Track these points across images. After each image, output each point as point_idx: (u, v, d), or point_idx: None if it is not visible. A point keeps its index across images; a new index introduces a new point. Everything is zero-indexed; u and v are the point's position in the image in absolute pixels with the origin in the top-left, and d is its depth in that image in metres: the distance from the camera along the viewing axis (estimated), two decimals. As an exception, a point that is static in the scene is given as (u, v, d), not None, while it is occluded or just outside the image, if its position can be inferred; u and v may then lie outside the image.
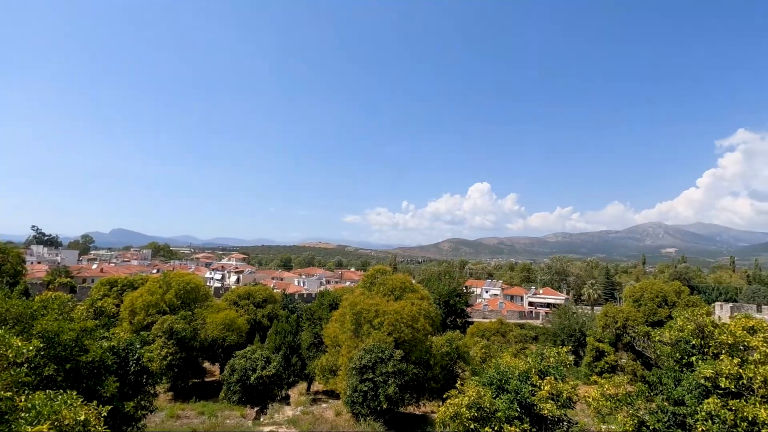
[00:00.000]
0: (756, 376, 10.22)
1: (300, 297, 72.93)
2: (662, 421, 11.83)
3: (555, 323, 48.44)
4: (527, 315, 73.81)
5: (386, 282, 27.02)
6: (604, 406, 12.60)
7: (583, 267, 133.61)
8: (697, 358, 11.72)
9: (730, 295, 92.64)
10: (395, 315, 23.22)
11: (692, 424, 11.00)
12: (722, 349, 11.34)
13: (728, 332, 11.20)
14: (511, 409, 11.68)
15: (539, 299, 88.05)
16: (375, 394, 20.08)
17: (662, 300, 39.11)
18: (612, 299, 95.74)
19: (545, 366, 12.73)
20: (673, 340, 12.40)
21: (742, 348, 11.47)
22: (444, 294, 55.49)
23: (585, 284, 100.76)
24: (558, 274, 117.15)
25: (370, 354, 20.65)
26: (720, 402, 10.53)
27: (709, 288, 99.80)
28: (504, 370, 12.77)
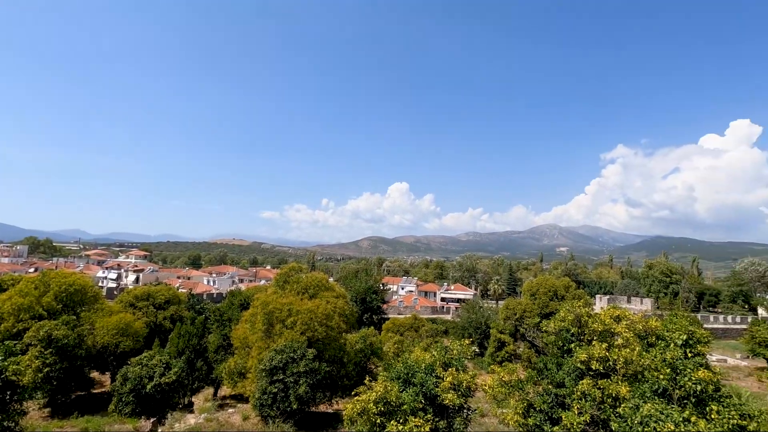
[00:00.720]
0: (619, 358, 11.86)
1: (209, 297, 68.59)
2: (547, 403, 13.21)
3: (464, 317, 51.54)
4: (439, 310, 77.60)
5: (301, 280, 26.54)
6: (499, 392, 13.72)
7: (490, 264, 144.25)
8: (575, 345, 13.26)
9: (608, 288, 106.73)
10: (309, 314, 22.91)
11: (570, 403, 12.45)
12: (594, 336, 13.01)
13: (599, 321, 12.88)
14: (416, 401, 12.19)
15: (451, 295, 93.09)
16: (285, 395, 19.63)
17: (553, 294, 43.77)
18: (514, 294, 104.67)
19: (449, 358, 13.50)
20: (556, 330, 13.92)
21: (609, 334, 13.25)
22: (361, 291, 56.08)
23: (491, 280, 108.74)
24: (468, 271, 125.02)
25: (282, 354, 20.14)
26: (591, 382, 12.05)
27: (592, 282, 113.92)
28: (411, 364, 13.28)
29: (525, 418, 13.04)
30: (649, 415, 8.51)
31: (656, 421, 8.30)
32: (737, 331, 61.59)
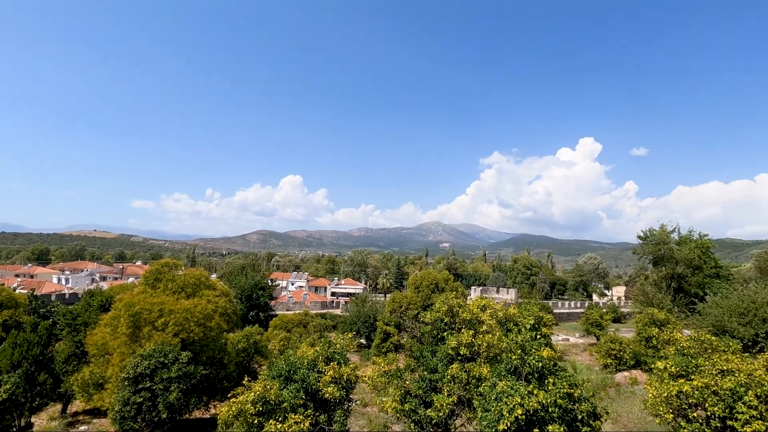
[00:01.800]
0: (482, 343, 13.33)
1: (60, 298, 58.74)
2: (422, 388, 14.22)
3: (353, 311, 52.54)
4: (329, 305, 77.89)
5: (177, 278, 24.22)
6: (379, 382, 14.34)
7: (380, 259, 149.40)
8: (447, 333, 14.52)
9: (482, 280, 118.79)
10: (185, 314, 21.05)
11: (441, 387, 13.60)
12: (464, 325, 14.40)
13: (468, 311, 14.30)
14: (297, 398, 12.10)
15: (341, 289, 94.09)
16: (153, 404, 17.77)
17: (435, 286, 47.21)
18: (401, 287, 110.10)
19: (331, 352, 13.67)
20: (432, 320, 15.08)
21: (477, 322, 14.79)
22: (247, 288, 53.43)
23: (381, 274, 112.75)
24: (359, 265, 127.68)
25: (149, 359, 18.16)
26: (460, 366, 13.33)
27: (469, 275, 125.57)
28: (293, 361, 13.12)
29: (402, 404, 13.86)
30: (502, 391, 9.75)
31: (507, 396, 9.54)
32: (577, 315, 73.66)
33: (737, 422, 11.77)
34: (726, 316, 30.07)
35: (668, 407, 13.13)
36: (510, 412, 9.18)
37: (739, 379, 12.27)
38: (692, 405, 12.97)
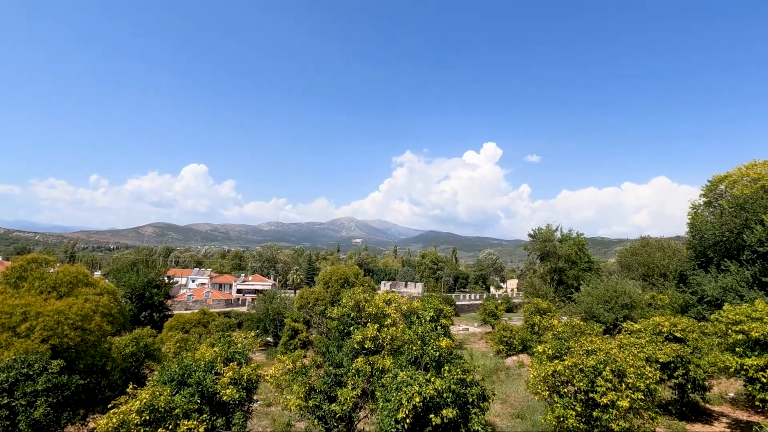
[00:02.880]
0: (387, 336, 13.75)
1: None
2: (327, 383, 14.23)
3: (260, 308, 50.59)
4: (235, 302, 73.99)
5: (47, 276, 21.04)
6: (283, 380, 14.03)
7: (291, 254, 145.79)
8: (354, 328, 14.70)
9: (392, 275, 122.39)
10: (57, 316, 18.37)
11: (346, 381, 13.75)
12: (369, 319, 14.72)
13: (374, 305, 14.64)
14: (191, 403, 11.31)
15: (248, 286, 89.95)
16: (13, 423, 15.27)
17: (344, 281, 47.51)
18: (312, 283, 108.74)
19: (232, 352, 13.02)
20: (339, 315, 15.16)
21: (381, 316, 15.20)
22: (138, 286, 48.46)
23: (291, 270, 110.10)
24: (268, 261, 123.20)
25: (8, 372, 15.55)
26: (364, 359, 13.60)
27: (380, 270, 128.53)
28: (188, 364, 12.23)
29: (306, 401, 13.73)
30: (403, 381, 10.18)
31: (407, 385, 9.99)
32: (477, 306, 79.71)
33: (597, 394, 13.74)
34: (594, 303, 34.88)
35: (545, 385, 14.85)
36: (409, 400, 9.62)
37: (599, 357, 14.32)
38: (564, 382, 14.84)
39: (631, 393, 13.43)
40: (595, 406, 13.80)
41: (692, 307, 30.97)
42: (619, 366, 14.09)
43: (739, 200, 31.51)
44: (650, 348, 17.67)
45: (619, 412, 13.27)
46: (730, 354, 16.50)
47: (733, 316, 16.62)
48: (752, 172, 37.23)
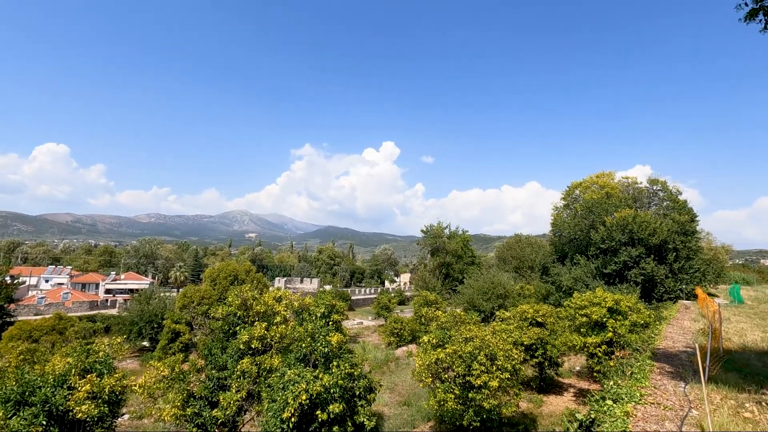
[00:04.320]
0: (276, 334, 13.30)
1: None
2: (208, 388, 13.26)
3: (134, 310, 45.18)
4: (102, 304, 64.88)
5: None
6: (156, 388, 12.69)
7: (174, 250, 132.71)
8: (240, 327, 13.93)
9: (288, 271, 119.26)
10: None
11: (230, 384, 12.97)
12: (257, 317, 14.09)
13: (263, 303, 14.05)
14: (34, 425, 9.57)
15: (119, 285, 79.68)
16: None
17: (234, 278, 44.82)
18: (198, 280, 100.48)
19: (91, 362, 11.34)
20: (224, 314, 14.23)
21: (271, 314, 14.66)
22: (-34, 289, 39.61)
23: (174, 267, 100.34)
24: (146, 257, 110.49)
25: None
26: (251, 360, 12.98)
27: (275, 266, 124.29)
28: (30, 379, 10.31)
29: (184, 409, 12.63)
30: (290, 379, 9.95)
31: (294, 383, 9.78)
32: (372, 300, 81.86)
33: (472, 377, 15.10)
34: (475, 294, 38.30)
35: (429, 373, 15.85)
36: (295, 398, 9.43)
37: (475, 344, 15.74)
38: (445, 368, 16.00)
39: (500, 374, 15.01)
40: (471, 388, 15.13)
41: (552, 295, 35.89)
42: (492, 350, 15.65)
43: (588, 204, 37.36)
44: (517, 333, 19.94)
45: (490, 391, 14.74)
46: (577, 334, 19.44)
47: (579, 302, 19.57)
48: (600, 181, 44.44)
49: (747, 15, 8.05)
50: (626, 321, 18.12)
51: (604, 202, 36.32)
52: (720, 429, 5.92)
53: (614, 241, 32.42)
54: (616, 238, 32.34)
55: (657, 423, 6.41)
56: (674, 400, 7.60)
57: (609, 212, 34.61)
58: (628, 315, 18.46)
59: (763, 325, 18.46)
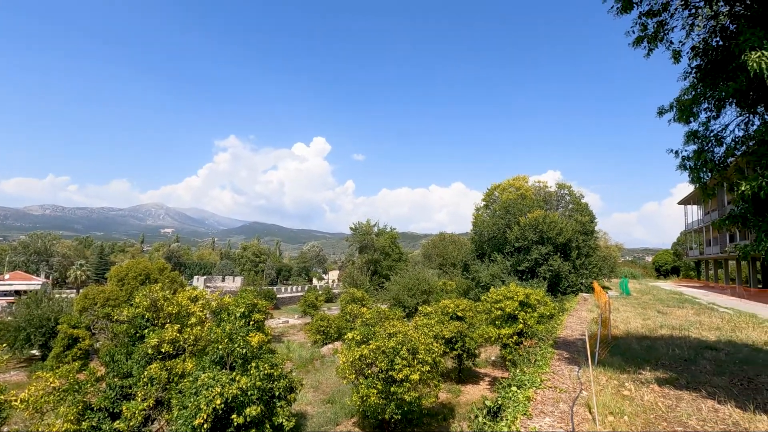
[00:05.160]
0: (189, 336, 12.49)
1: None
2: (109, 398, 12.07)
3: (21, 314, 39.57)
4: (-21, 309, 55.99)
5: None
6: (44, 402, 11.28)
7: (74, 246, 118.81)
8: (149, 330, 12.87)
9: (208, 269, 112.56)
10: None
11: (135, 392, 11.93)
12: (170, 319, 13.11)
13: (175, 303, 13.10)
14: None
15: (3, 286, 69.53)
16: None
17: (146, 277, 41.25)
18: (103, 280, 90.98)
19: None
20: (130, 317, 13.03)
21: (185, 315, 13.74)
22: None
23: (74, 265, 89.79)
24: (38, 254, 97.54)
25: None
26: (160, 365, 12.04)
27: (194, 264, 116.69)
28: None
29: (79, 423, 11.38)
30: (203, 384, 9.39)
31: (208, 387, 9.26)
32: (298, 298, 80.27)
33: (395, 371, 15.47)
34: (401, 291, 39.27)
35: (352, 369, 15.94)
36: (208, 403, 8.94)
37: (398, 339, 16.16)
38: (368, 364, 16.21)
39: (421, 367, 15.56)
40: (393, 382, 15.49)
41: (472, 290, 37.96)
42: (414, 345, 16.16)
43: (505, 205, 40.09)
44: (438, 327, 20.80)
45: (412, 384, 15.21)
46: (492, 326, 20.78)
47: (495, 296, 20.92)
48: (516, 183, 47.91)
49: (634, 41, 9.14)
50: (535, 313, 19.73)
51: (519, 204, 39.21)
52: (603, 407, 6.68)
53: (527, 240, 35.14)
54: (528, 237, 35.07)
55: (553, 405, 7.08)
56: (569, 383, 8.44)
57: (523, 213, 37.44)
58: (537, 308, 20.11)
59: (644, 313, 21.19)
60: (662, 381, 8.63)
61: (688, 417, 6.65)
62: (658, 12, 9.04)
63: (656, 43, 9.10)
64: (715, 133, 8.29)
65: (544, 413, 6.67)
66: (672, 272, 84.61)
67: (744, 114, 7.97)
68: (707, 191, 8.42)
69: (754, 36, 5.99)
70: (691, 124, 8.42)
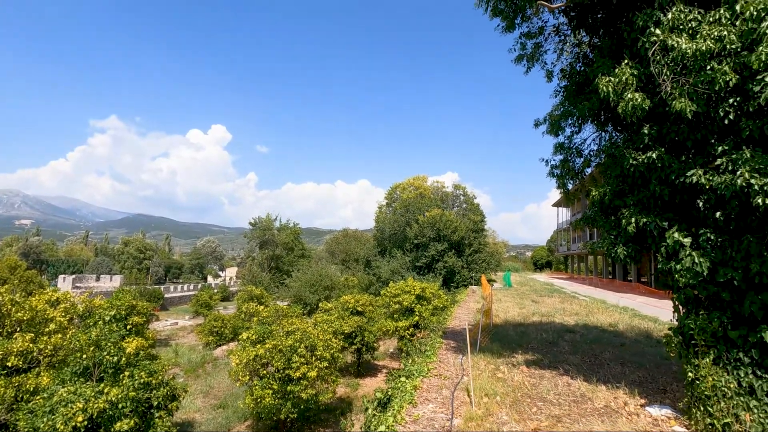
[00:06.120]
0: (46, 346, 10.73)
1: None
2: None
3: None
4: None
5: None
6: None
7: None
8: (-10, 341, 10.74)
9: (79, 267, 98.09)
10: None
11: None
12: (19, 327, 11.11)
13: (28, 308, 11.14)
14: None
15: None
16: None
17: (-8, 278, 34.41)
18: (-70, 281, 73.69)
19: None
20: (-38, 327, 10.73)
21: (42, 321, 11.76)
22: None
23: None
24: None
25: None
26: (5, 382, 10.15)
27: (60, 261, 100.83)
28: None
29: None
30: (61, 400, 8.14)
31: (67, 404, 8.05)
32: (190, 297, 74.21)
33: (292, 370, 15.16)
34: (303, 287, 38.60)
35: (246, 371, 15.23)
36: (67, 422, 7.77)
37: (296, 336, 15.85)
38: (264, 364, 15.64)
39: (319, 363, 15.48)
40: (290, 381, 15.16)
41: (373, 285, 38.88)
42: (312, 341, 16.00)
43: (405, 203, 41.81)
44: (338, 323, 20.90)
45: (309, 381, 15.05)
46: (391, 320, 21.53)
47: (393, 290, 21.69)
48: (416, 183, 50.23)
49: (516, 59, 10.15)
50: (430, 306, 20.91)
51: (418, 202, 41.21)
52: (480, 390, 7.33)
53: (425, 237, 37.08)
54: (427, 235, 37.04)
55: (437, 392, 7.56)
56: (453, 370, 9.11)
57: (422, 211, 39.43)
58: (432, 300, 21.34)
59: (521, 303, 23.81)
60: (530, 362, 9.78)
61: (547, 392, 7.63)
62: (535, 35, 10.16)
63: (533, 63, 10.22)
64: (577, 146, 9.56)
65: (428, 400, 7.10)
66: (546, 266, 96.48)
67: (598, 131, 9.32)
68: (569, 196, 9.72)
69: (605, 64, 7.04)
70: (559, 137, 9.60)
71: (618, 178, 7.14)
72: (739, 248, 5.50)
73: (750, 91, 5.23)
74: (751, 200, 5.08)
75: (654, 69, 5.95)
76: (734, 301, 5.74)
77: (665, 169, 6.24)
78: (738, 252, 5.50)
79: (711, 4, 5.86)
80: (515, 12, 9.49)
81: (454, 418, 6.28)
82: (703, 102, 5.67)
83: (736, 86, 5.36)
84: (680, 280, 5.99)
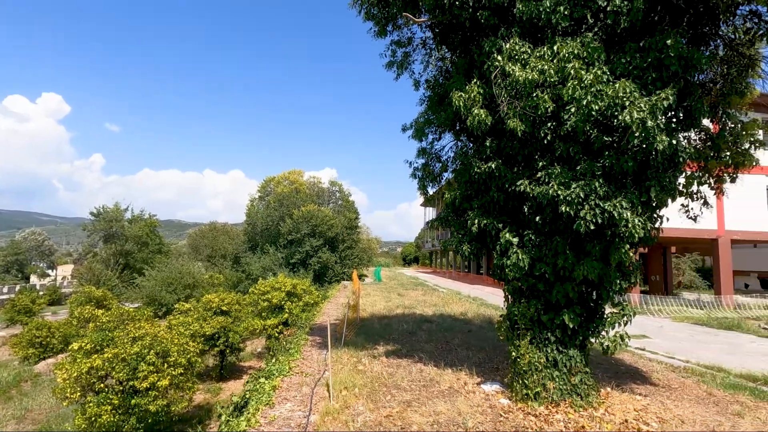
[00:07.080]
0: None
1: None
2: None
3: None
4: None
5: None
6: None
7: None
8: None
9: None
10: None
11: None
12: None
13: None
14: None
15: None
16: None
17: None
18: None
19: None
20: None
21: None
22: None
23: None
24: None
25: None
26: None
27: None
28: None
29: None
30: None
31: None
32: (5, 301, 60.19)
33: (138, 380, 13.41)
34: (157, 286, 34.53)
35: (77, 386, 12.97)
36: None
37: (144, 342, 14.07)
38: (101, 377, 13.52)
39: (173, 370, 14.02)
40: (135, 393, 13.41)
41: (242, 283, 36.82)
42: (164, 347, 14.40)
43: (280, 197, 40.60)
44: (197, 324, 19.26)
45: (159, 391, 13.52)
46: (259, 318, 20.67)
47: (262, 288, 20.89)
48: (291, 177, 49.10)
49: (386, 64, 10.62)
50: (300, 302, 20.67)
51: (293, 197, 40.39)
52: (340, 383, 7.51)
53: (300, 233, 36.53)
54: (301, 230, 36.52)
55: (297, 390, 7.51)
56: (316, 367, 9.16)
57: (297, 206, 38.75)
58: (303, 297, 21.12)
59: (388, 296, 25.15)
60: (390, 353, 10.39)
61: (402, 380, 8.20)
62: (405, 44, 10.77)
63: (402, 70, 10.82)
64: (437, 152, 10.43)
65: (287, 399, 7.00)
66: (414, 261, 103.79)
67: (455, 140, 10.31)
68: (428, 197, 10.60)
69: (459, 80, 7.83)
70: (422, 142, 10.34)
71: (467, 184, 8.02)
72: (550, 247, 6.68)
73: (562, 118, 6.37)
74: (558, 207, 6.20)
75: (495, 90, 6.83)
76: (546, 291, 6.97)
77: (501, 178, 7.23)
78: (550, 250, 6.68)
79: (539, 41, 6.97)
80: (387, 19, 9.92)
81: (311, 414, 6.31)
82: (530, 123, 6.72)
83: (553, 113, 6.48)
84: (509, 274, 7.02)
